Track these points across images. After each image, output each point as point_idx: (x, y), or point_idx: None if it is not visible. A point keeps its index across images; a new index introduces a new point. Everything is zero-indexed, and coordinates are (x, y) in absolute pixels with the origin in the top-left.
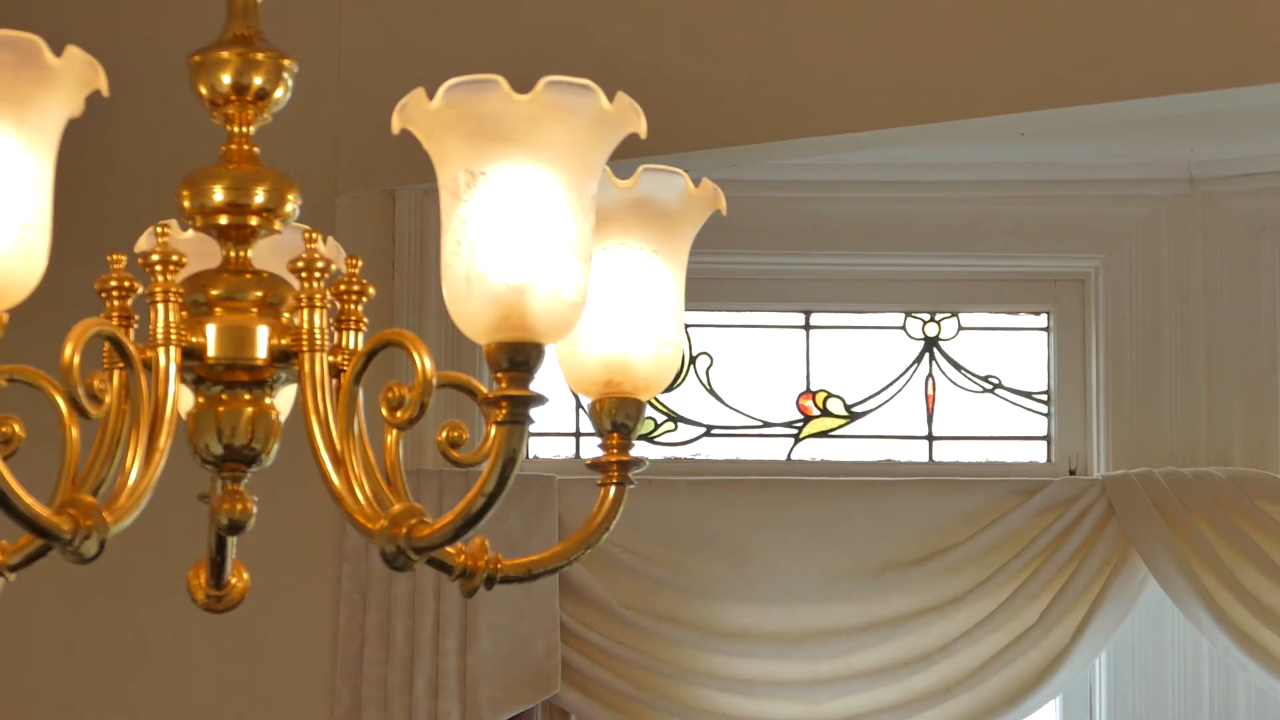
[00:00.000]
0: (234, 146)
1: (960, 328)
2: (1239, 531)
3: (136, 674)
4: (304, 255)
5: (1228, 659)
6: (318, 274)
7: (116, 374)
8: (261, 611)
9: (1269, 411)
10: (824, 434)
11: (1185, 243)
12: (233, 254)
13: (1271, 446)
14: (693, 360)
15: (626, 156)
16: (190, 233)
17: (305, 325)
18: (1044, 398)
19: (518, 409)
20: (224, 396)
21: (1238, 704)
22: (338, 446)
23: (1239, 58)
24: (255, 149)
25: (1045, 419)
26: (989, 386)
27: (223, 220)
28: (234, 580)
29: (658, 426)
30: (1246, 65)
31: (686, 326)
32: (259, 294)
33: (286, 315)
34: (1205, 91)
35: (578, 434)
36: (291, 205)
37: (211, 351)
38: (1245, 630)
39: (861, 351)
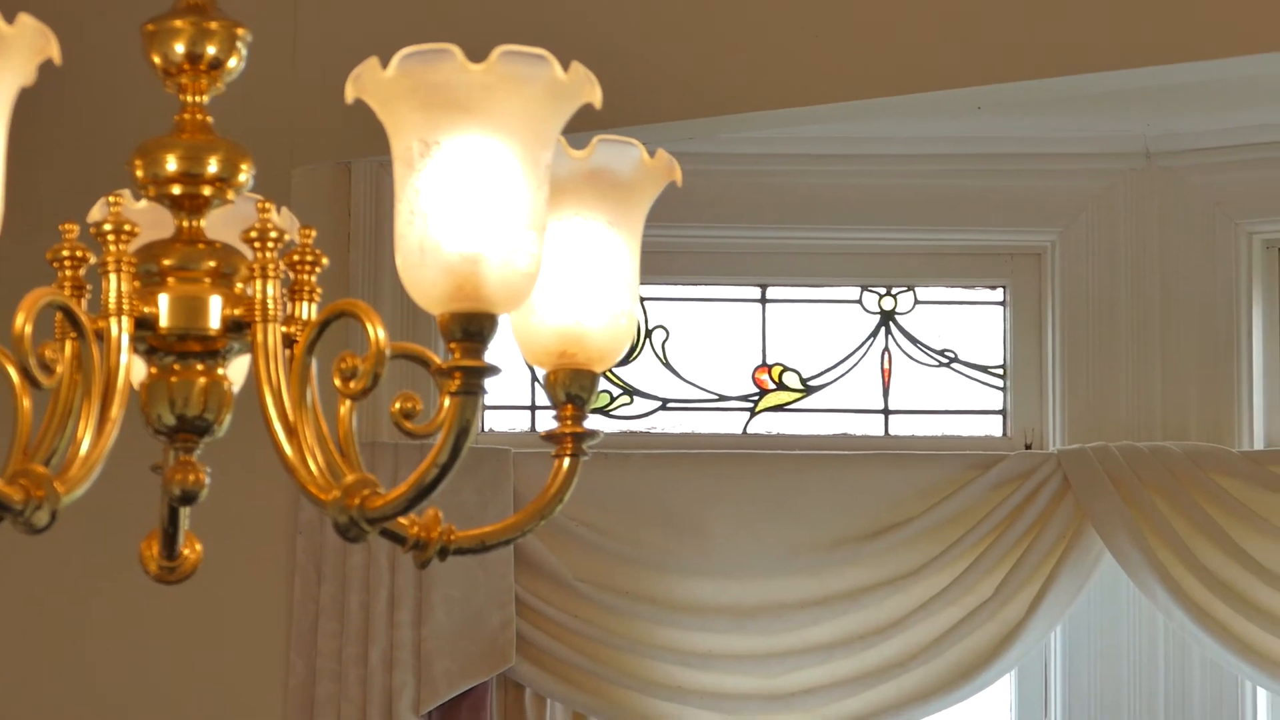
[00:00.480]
0: (187, 116)
1: (916, 301)
2: (1194, 506)
3: (88, 646)
4: (257, 225)
5: (1183, 633)
6: (271, 244)
7: (68, 344)
8: (215, 584)
9: (1225, 386)
10: (780, 408)
11: (1142, 217)
12: (186, 224)
13: (1227, 421)
14: (648, 334)
15: (582, 129)
16: (143, 202)
17: (258, 295)
18: (1000, 372)
19: (471, 379)
20: (176, 367)
21: (1193, 678)
22: (290, 417)
23: (1196, 32)
24: (209, 119)
25: (1001, 393)
26: (945, 360)
27: (176, 190)
28: (186, 551)
29: (613, 400)
30: (1203, 39)
31: (642, 300)
32: (212, 264)
33: (239, 285)
34: (1162, 65)
35: (533, 407)
36: (245, 175)
37: (164, 321)
38: (1200, 604)
39: (817, 325)
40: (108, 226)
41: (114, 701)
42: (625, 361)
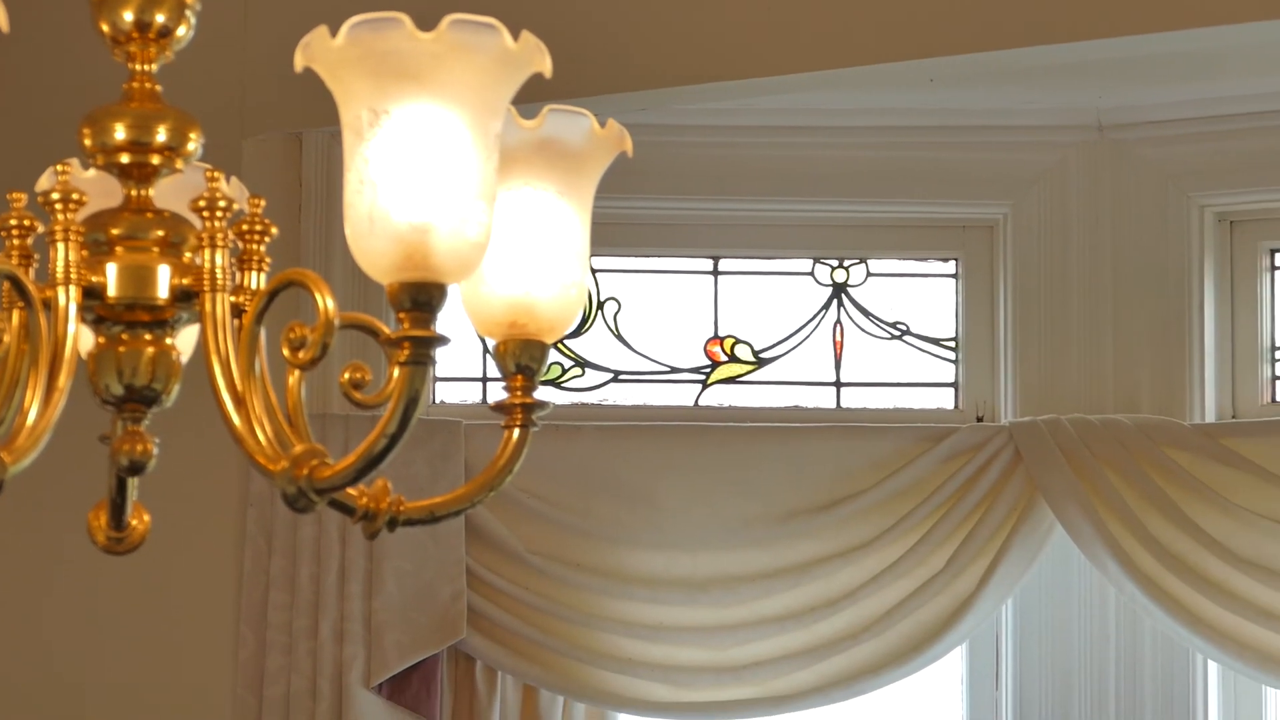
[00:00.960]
0: (136, 85)
1: (869, 274)
2: (1145, 478)
3: (36, 618)
4: (206, 194)
5: (1134, 605)
6: (220, 213)
7: (16, 313)
8: (165, 555)
9: (1176, 359)
10: (731, 380)
11: (1094, 190)
12: (134, 193)
13: (1179, 394)
14: (600, 305)
15: (533, 100)
16: (92, 171)
17: (207, 265)
18: (952, 344)
19: (420, 349)
20: (124, 336)
21: (1144, 650)
22: (239, 387)
23: (1148, 4)
24: (158, 87)
25: (953, 365)
26: (897, 333)
27: (124, 159)
28: (134, 522)
29: (565, 371)
30: (1156, 12)
31: (594, 271)
32: (160, 233)
33: (188, 255)
34: (1114, 38)
35: (484, 379)
36: (194, 144)
37: (112, 291)
38: (1151, 577)
39: (769, 297)
40: (55, 195)
41: (61, 672)
42: (577, 333)
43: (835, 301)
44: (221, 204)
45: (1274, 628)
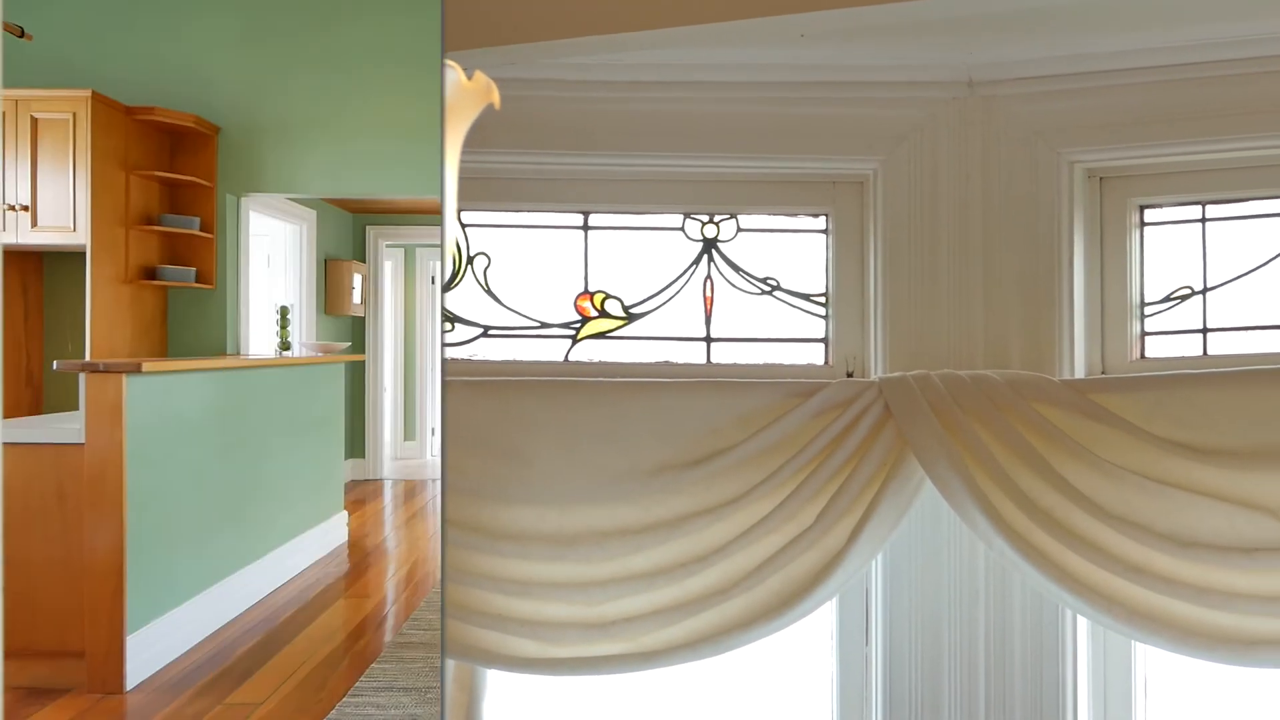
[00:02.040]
0: None
1: (739, 229)
2: (1015, 434)
3: None
4: None
5: (1003, 560)
6: None
7: None
8: None
9: (1046, 315)
10: (602, 335)
11: (964, 145)
12: None
13: (1048, 350)
14: (470, 260)
15: None
16: None
17: None
18: (822, 300)
19: None
20: None
21: (1013, 605)
22: None
23: None
24: None
25: (823, 321)
26: (767, 288)
27: None
28: None
29: None
30: None
31: (464, 226)
32: None
33: None
34: None
35: None
36: None
37: None
38: (1020, 532)
39: (640, 252)
40: None
41: None
42: (447, 288)
43: (705, 257)
44: None
45: (1141, 582)
